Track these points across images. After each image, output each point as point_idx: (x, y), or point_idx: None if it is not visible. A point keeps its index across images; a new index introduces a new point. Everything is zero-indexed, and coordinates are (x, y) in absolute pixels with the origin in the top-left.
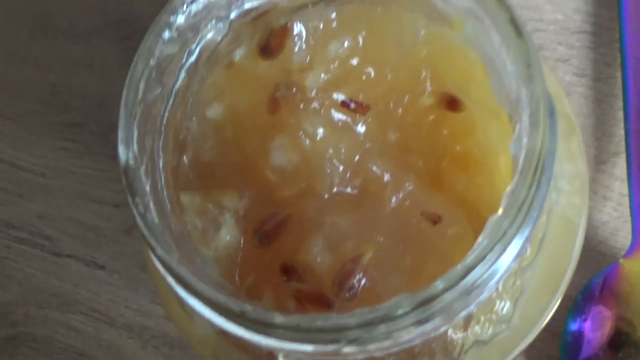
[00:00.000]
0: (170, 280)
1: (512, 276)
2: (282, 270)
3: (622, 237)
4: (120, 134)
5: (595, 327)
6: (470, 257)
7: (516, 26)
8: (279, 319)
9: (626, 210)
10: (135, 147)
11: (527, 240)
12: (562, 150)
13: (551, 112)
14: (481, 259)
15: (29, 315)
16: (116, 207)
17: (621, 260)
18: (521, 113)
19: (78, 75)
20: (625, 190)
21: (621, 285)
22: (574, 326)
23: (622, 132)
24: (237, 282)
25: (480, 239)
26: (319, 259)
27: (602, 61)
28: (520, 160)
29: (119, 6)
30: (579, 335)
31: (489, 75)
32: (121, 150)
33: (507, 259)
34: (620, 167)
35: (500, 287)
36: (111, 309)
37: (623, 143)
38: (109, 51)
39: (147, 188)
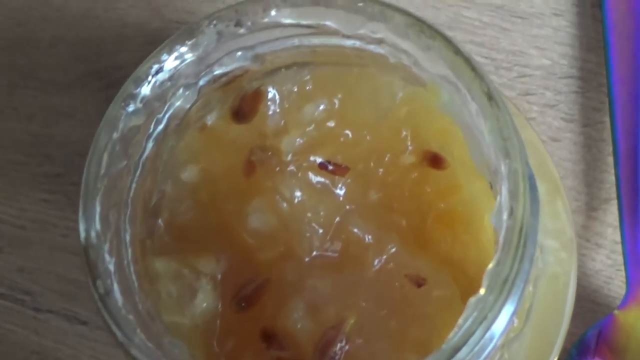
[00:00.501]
0: None
1: (498, 350)
2: (262, 337)
3: (616, 286)
4: (81, 211)
5: None
6: (454, 339)
7: (491, 97)
8: None
9: (620, 257)
10: (97, 224)
11: (513, 314)
12: (547, 212)
13: (532, 186)
14: (465, 340)
15: None
16: None
17: (616, 312)
18: (501, 185)
19: (60, 126)
20: (618, 237)
21: (617, 337)
22: None
23: (612, 177)
24: (216, 349)
25: (461, 320)
26: (299, 326)
27: (591, 106)
28: (501, 237)
29: (100, 55)
30: None
31: (467, 143)
32: (82, 229)
33: (492, 336)
34: (612, 213)
35: None
36: None
37: (614, 189)
38: (91, 100)
39: (111, 267)
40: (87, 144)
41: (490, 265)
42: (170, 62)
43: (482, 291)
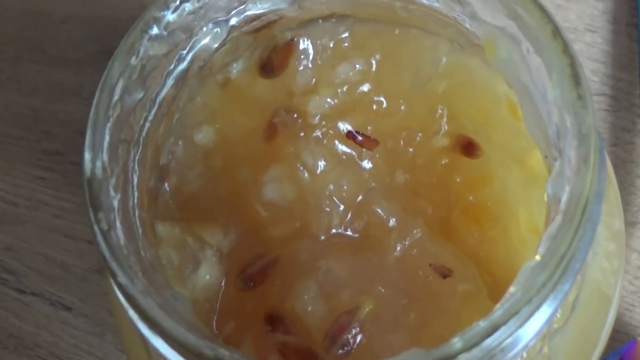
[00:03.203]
0: (133, 315)
1: (539, 341)
2: (266, 319)
3: (638, 314)
4: (88, 138)
5: None
6: (497, 312)
7: (563, 41)
8: None
9: None
10: (105, 155)
11: (564, 298)
12: None
13: (600, 147)
14: (511, 315)
15: None
16: (90, 244)
17: (638, 339)
18: (562, 148)
19: (63, 103)
20: None
21: None
22: None
23: None
24: (215, 330)
25: (512, 289)
26: (309, 309)
27: (621, 125)
28: (564, 200)
29: (114, 35)
30: None
31: (521, 108)
32: (87, 158)
33: (539, 319)
34: (638, 237)
35: (525, 355)
36: (73, 356)
37: None
38: (99, 79)
39: (115, 204)
40: None
41: (549, 231)
42: None
43: (537, 257)
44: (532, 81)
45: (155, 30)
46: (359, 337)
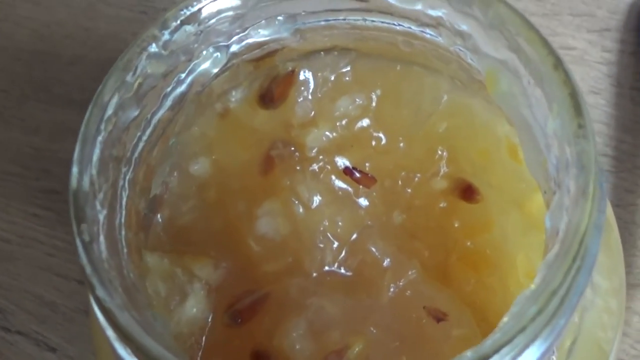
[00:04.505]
0: (110, 334)
1: None
2: (252, 357)
3: None
4: (77, 151)
5: None
6: (487, 342)
7: (564, 72)
8: None
9: None
10: (94, 169)
11: (559, 335)
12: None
13: (600, 180)
14: (501, 345)
15: None
16: (80, 284)
17: None
18: (561, 180)
19: (65, 142)
20: None
21: None
22: None
23: None
24: None
25: (504, 318)
26: (297, 347)
27: (623, 187)
28: (561, 229)
29: None
30: None
31: (521, 144)
32: (74, 170)
33: (532, 354)
34: (639, 300)
35: None
36: None
37: None
38: None
39: (101, 218)
40: None
41: (546, 259)
42: (204, 10)
43: (532, 286)
44: (533, 115)
45: (153, 48)
46: None
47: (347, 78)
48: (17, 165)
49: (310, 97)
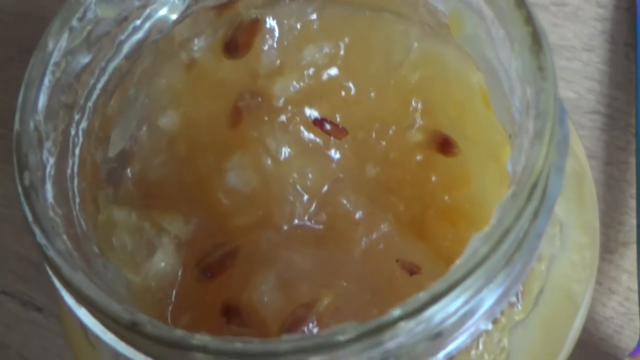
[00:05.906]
0: (58, 285)
1: (497, 332)
2: (222, 311)
3: (627, 337)
4: (21, 97)
5: None
6: (440, 283)
7: (526, 11)
8: (182, 336)
9: (634, 306)
10: (40, 116)
11: (516, 281)
12: (571, 195)
13: (561, 119)
14: (453, 286)
15: None
16: None
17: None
18: (523, 123)
19: None
20: (634, 284)
21: None
22: None
23: (633, 221)
24: (169, 320)
25: (457, 261)
26: (265, 299)
27: (615, 145)
28: (517, 172)
29: None
30: None
31: (487, 88)
32: (17, 116)
33: (487, 298)
34: (629, 258)
35: (480, 345)
36: (42, 359)
37: (634, 233)
38: None
39: (49, 167)
40: None
41: (501, 202)
42: None
43: (486, 228)
44: (497, 57)
45: None
46: (315, 331)
47: (314, 26)
48: (1, 127)
49: (275, 45)
